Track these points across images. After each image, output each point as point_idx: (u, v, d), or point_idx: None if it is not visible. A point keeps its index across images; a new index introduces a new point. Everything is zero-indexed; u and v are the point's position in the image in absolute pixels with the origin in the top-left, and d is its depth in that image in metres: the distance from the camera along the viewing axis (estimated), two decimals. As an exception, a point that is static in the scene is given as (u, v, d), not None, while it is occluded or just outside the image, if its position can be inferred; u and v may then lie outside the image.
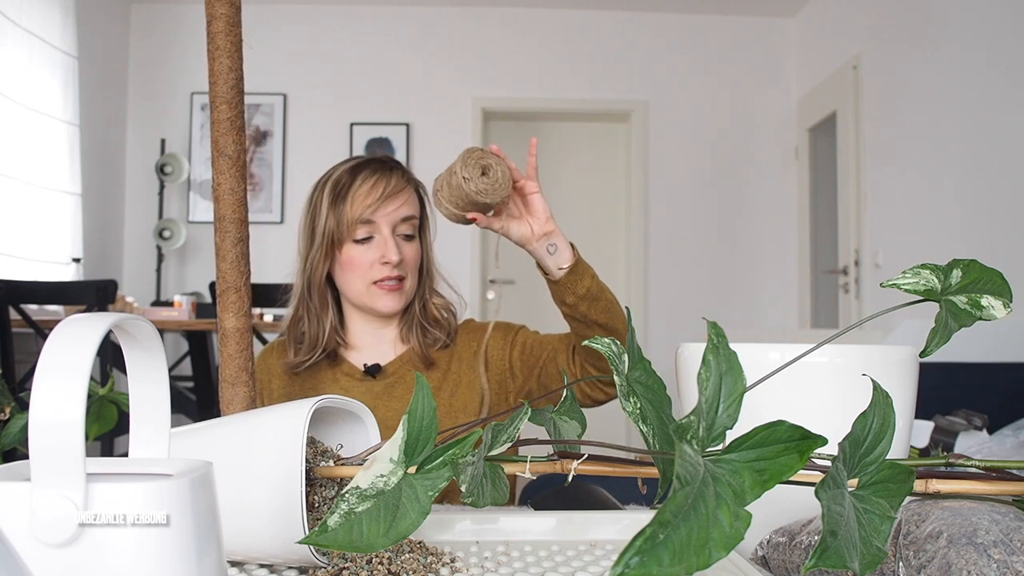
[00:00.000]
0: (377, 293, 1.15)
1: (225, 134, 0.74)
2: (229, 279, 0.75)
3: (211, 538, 0.40)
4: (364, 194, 1.14)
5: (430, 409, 0.49)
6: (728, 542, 0.34)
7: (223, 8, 0.74)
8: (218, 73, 0.74)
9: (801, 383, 0.63)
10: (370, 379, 1.19)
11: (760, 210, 4.97)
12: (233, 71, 0.74)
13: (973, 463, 0.53)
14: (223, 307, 0.75)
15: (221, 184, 0.75)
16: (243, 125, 0.75)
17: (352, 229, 1.14)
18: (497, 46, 4.91)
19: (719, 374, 0.43)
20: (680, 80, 4.97)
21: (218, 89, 0.74)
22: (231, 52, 0.74)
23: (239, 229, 0.75)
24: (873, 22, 3.97)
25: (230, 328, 0.75)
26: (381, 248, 1.14)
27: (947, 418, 1.67)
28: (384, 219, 1.15)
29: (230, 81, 0.74)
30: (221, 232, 0.75)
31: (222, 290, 0.75)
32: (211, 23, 0.74)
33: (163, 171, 4.67)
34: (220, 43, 0.74)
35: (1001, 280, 0.54)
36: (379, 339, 1.22)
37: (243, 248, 0.76)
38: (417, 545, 0.61)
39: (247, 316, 0.76)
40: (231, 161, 0.74)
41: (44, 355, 0.36)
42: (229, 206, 0.75)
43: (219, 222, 0.75)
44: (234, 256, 0.75)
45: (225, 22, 0.74)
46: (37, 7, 3.69)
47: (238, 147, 0.75)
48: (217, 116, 0.74)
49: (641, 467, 0.57)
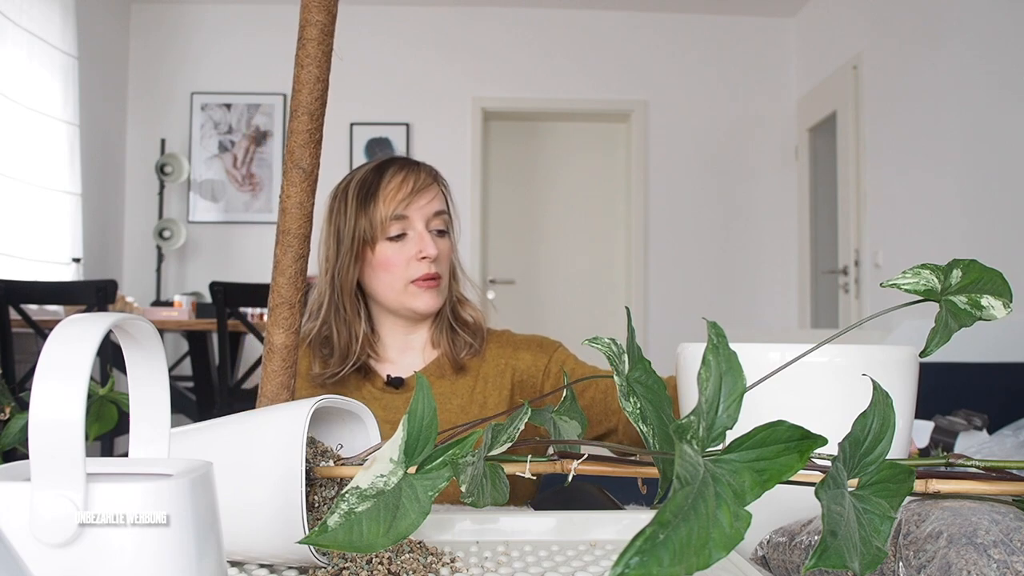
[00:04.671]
0: (415, 292, 1.12)
1: (303, 146, 0.71)
2: (284, 294, 0.72)
3: (211, 538, 0.40)
4: (395, 189, 1.11)
5: (430, 409, 0.49)
6: (728, 542, 0.34)
7: (319, 15, 0.70)
8: (304, 82, 0.70)
9: (801, 383, 0.63)
10: (393, 391, 1.15)
11: (760, 210, 4.97)
12: (321, 81, 0.71)
13: (973, 463, 0.53)
14: (274, 322, 0.73)
15: (291, 197, 0.71)
16: (321, 139, 0.72)
17: (386, 227, 1.11)
18: (497, 46, 4.91)
19: (719, 374, 0.43)
20: (680, 80, 4.97)
21: (301, 98, 0.70)
22: (321, 62, 0.70)
23: (302, 245, 0.72)
24: (873, 22, 3.97)
25: (278, 344, 0.73)
26: (417, 244, 1.11)
27: (947, 418, 1.67)
28: (417, 213, 1.12)
29: (316, 92, 0.70)
30: (283, 246, 0.72)
31: (275, 304, 0.73)
32: (304, 29, 0.71)
33: (163, 171, 4.67)
34: (311, 51, 0.70)
35: (1001, 280, 0.54)
36: (408, 346, 1.18)
37: (302, 265, 0.73)
38: (417, 545, 0.61)
39: (296, 333, 0.73)
40: (305, 174, 0.71)
41: (44, 355, 0.36)
42: (296, 220, 0.72)
43: (282, 235, 0.72)
44: (293, 272, 0.72)
45: (319, 30, 0.70)
46: (37, 7, 3.69)
47: (313, 160, 0.71)
48: (296, 126, 0.70)
49: (641, 467, 0.57)
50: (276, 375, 0.73)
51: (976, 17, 3.16)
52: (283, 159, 0.74)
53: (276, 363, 0.73)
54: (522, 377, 1.17)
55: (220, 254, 4.79)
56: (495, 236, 5.03)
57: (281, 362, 0.73)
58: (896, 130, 3.76)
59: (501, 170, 5.06)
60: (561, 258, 5.06)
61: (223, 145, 4.84)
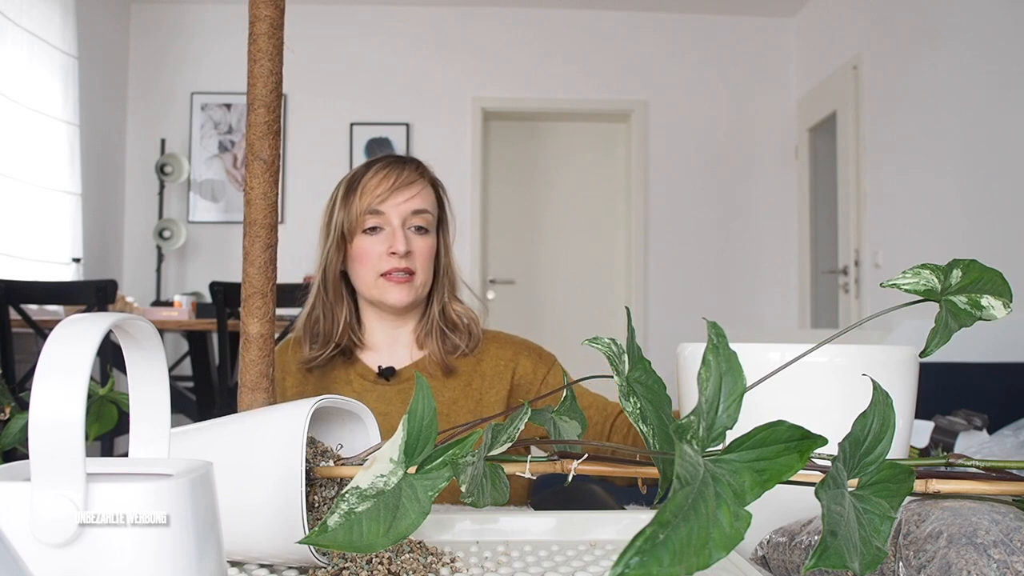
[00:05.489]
0: (385, 285, 1.14)
1: (262, 138, 0.73)
2: (256, 284, 0.74)
3: (211, 538, 0.40)
4: (374, 185, 1.15)
5: (430, 409, 0.49)
6: (728, 542, 0.34)
7: (267, 10, 0.73)
8: (258, 75, 0.73)
9: (801, 383, 0.63)
10: (384, 382, 1.17)
11: (760, 210, 4.97)
12: (274, 74, 0.73)
13: (973, 463, 0.53)
14: (248, 312, 0.74)
15: (254, 188, 0.74)
16: (279, 130, 0.75)
17: (361, 220, 1.14)
18: (497, 46, 4.91)
19: (719, 374, 0.43)
20: (680, 80, 4.97)
21: (257, 92, 0.73)
22: (272, 55, 0.73)
23: (269, 235, 0.74)
24: (873, 22, 3.97)
25: (254, 333, 0.74)
26: (389, 239, 1.14)
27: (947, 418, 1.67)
28: (393, 210, 1.14)
29: (270, 85, 0.73)
30: (251, 236, 0.74)
31: (248, 295, 0.74)
32: (254, 24, 0.73)
33: (163, 171, 4.67)
34: (262, 45, 0.73)
35: (1001, 280, 0.54)
36: (394, 340, 1.20)
37: (271, 254, 0.75)
38: (417, 545, 0.61)
39: (271, 322, 0.75)
40: (265, 166, 0.74)
41: (44, 355, 0.36)
42: (261, 210, 0.74)
43: (249, 226, 0.74)
44: (262, 261, 0.74)
45: (269, 24, 0.73)
46: (37, 7, 3.69)
47: (273, 152, 0.74)
48: (254, 119, 0.73)
49: (641, 467, 0.57)
50: (254, 364, 0.74)
51: (976, 17, 3.16)
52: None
53: (253, 353, 0.74)
54: (520, 381, 1.18)
55: (220, 254, 4.79)
56: (495, 236, 5.03)
57: (258, 351, 0.74)
58: (896, 130, 3.76)
59: (501, 170, 5.06)
60: (561, 258, 5.06)
61: (223, 145, 4.85)
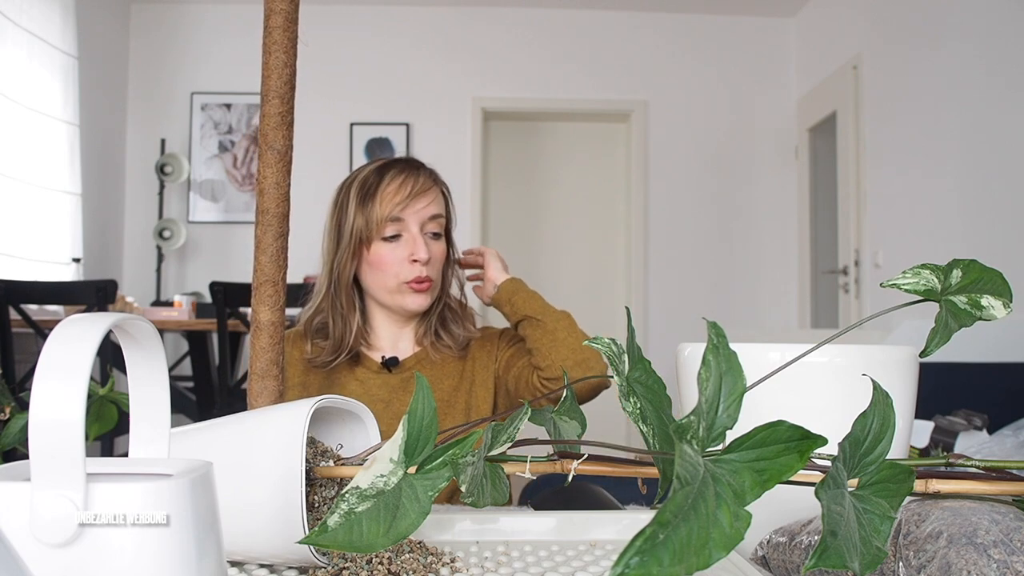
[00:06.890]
0: (407, 292, 1.17)
1: (275, 128, 0.75)
2: (267, 272, 0.75)
3: (211, 538, 0.40)
4: (393, 192, 1.16)
5: (430, 409, 0.49)
6: (728, 542, 0.34)
7: (283, 4, 0.74)
8: (272, 67, 0.74)
9: (801, 383, 0.63)
10: (387, 372, 1.21)
11: (760, 210, 4.97)
12: (288, 67, 0.74)
13: (973, 463, 0.53)
14: (259, 300, 0.75)
15: (267, 178, 0.75)
16: (293, 121, 0.76)
17: (381, 227, 1.15)
18: (497, 46, 4.91)
19: (719, 374, 0.43)
20: (680, 80, 4.96)
21: (271, 83, 0.74)
22: (287, 47, 0.74)
23: (281, 224, 0.76)
24: (873, 22, 3.97)
25: (264, 321, 0.75)
26: (410, 246, 1.16)
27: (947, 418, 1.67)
28: (413, 217, 1.16)
29: (284, 76, 0.74)
30: (263, 225, 0.75)
31: (259, 283, 0.75)
32: (269, 17, 0.74)
33: (163, 171, 4.67)
34: (277, 38, 0.74)
35: (1001, 280, 0.54)
36: (399, 337, 1.24)
37: (283, 243, 0.76)
38: (417, 545, 0.61)
39: (281, 310, 0.76)
40: (279, 155, 0.75)
41: (44, 355, 0.36)
42: (274, 200, 0.75)
43: (262, 215, 0.75)
44: (275, 250, 0.75)
45: (284, 17, 0.74)
46: (37, 7, 3.69)
47: (287, 142, 0.75)
48: (268, 110, 0.74)
49: (641, 467, 0.57)
50: (265, 352, 0.75)
51: (976, 17, 3.16)
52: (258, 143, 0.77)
53: (264, 340, 0.75)
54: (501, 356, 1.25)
55: (220, 254, 4.78)
56: (495, 236, 5.03)
57: (269, 339, 0.75)
58: (896, 130, 3.76)
59: (501, 170, 5.06)
60: (561, 258, 5.05)
61: (223, 145, 4.84)
